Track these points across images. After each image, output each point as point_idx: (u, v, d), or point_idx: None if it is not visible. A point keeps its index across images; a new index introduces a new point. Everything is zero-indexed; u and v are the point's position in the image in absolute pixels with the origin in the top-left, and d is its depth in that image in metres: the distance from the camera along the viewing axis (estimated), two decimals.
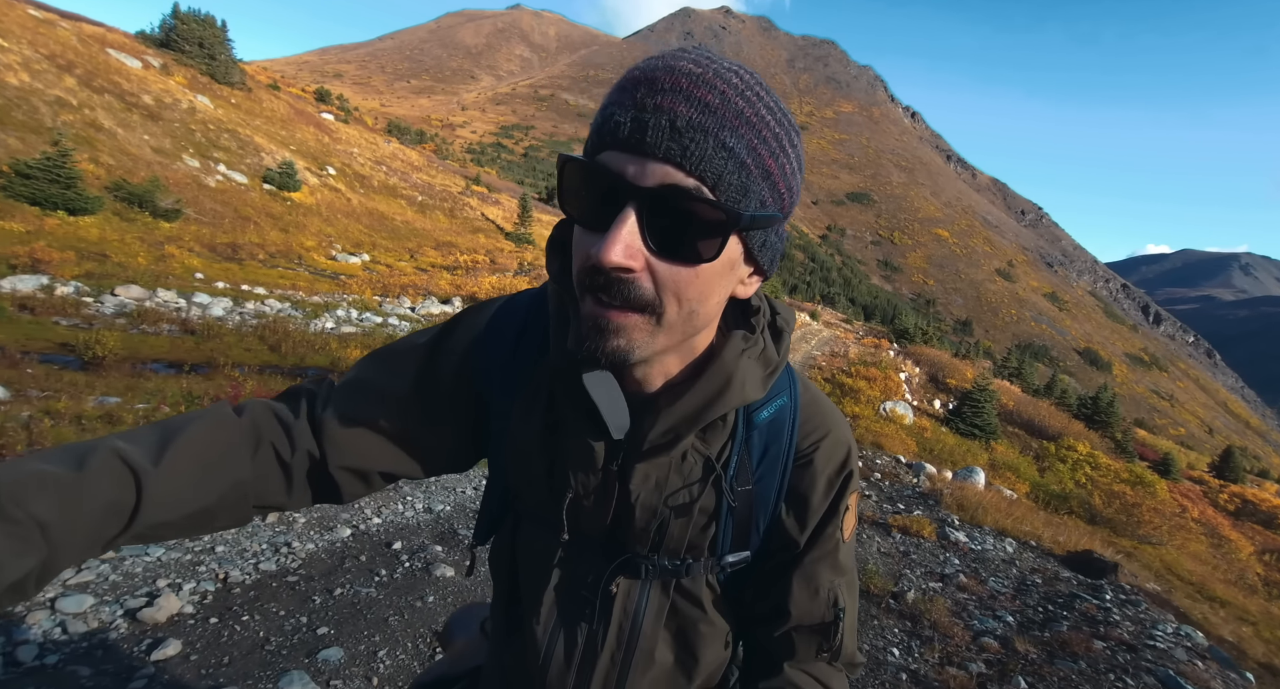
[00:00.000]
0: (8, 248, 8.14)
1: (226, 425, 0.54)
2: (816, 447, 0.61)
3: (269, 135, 24.54)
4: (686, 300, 0.46)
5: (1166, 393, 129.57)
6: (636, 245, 0.43)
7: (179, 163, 17.00)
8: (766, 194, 0.46)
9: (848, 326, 35.15)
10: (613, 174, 0.43)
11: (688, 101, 0.42)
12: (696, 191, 0.42)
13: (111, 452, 0.47)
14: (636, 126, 0.42)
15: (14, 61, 13.91)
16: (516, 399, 0.61)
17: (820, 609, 0.63)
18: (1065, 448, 14.78)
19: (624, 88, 0.44)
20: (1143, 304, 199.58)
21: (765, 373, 0.56)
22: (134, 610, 2.11)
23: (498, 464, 0.65)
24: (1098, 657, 2.48)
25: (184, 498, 0.49)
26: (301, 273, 14.45)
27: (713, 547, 0.61)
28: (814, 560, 0.63)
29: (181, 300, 8.72)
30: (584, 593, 0.62)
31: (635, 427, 0.55)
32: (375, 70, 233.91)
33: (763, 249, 0.49)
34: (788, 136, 0.47)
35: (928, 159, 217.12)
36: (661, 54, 0.45)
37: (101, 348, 5.47)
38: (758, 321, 0.57)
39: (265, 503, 0.56)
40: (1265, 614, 9.58)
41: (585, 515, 0.60)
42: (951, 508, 5.60)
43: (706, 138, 0.42)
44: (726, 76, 0.43)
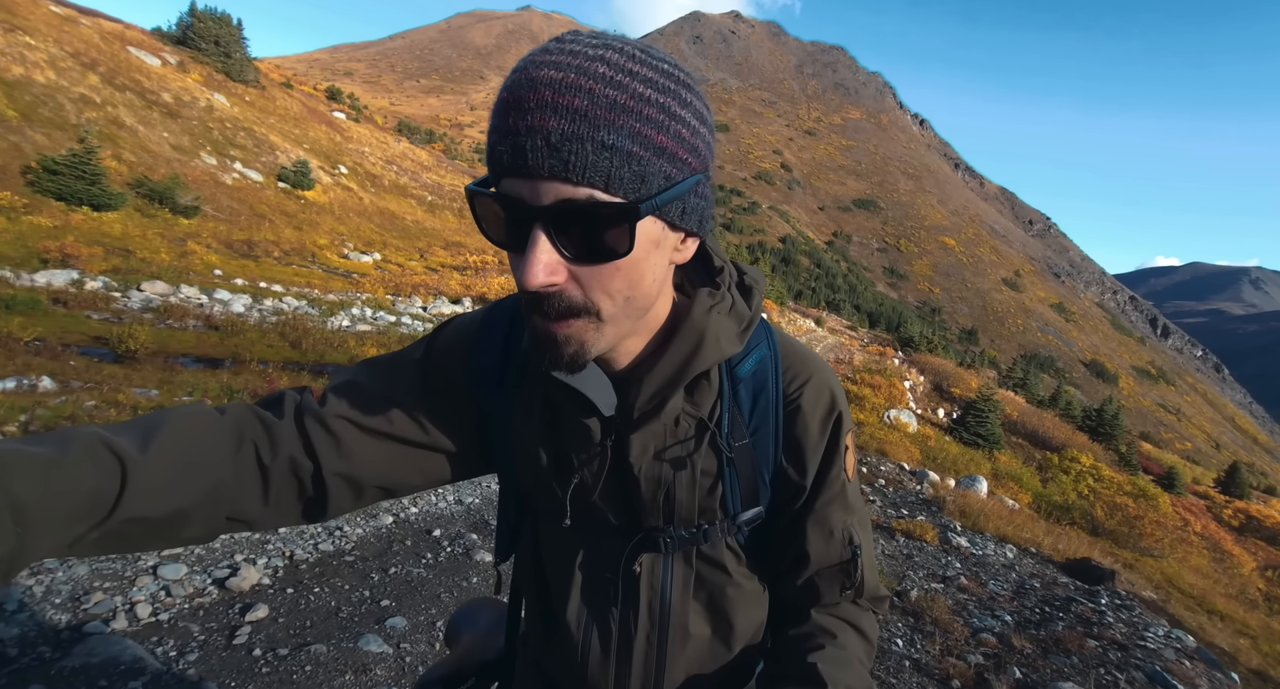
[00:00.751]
0: (39, 243, 8.38)
1: (210, 422, 0.53)
2: (801, 391, 0.62)
3: (283, 134, 24.86)
4: (617, 292, 0.48)
5: (1173, 407, 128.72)
6: (554, 261, 0.45)
7: (197, 160, 17.29)
8: (668, 168, 0.45)
9: (853, 334, 35.23)
10: (512, 200, 0.44)
11: (556, 114, 0.41)
12: (589, 200, 0.43)
13: (96, 438, 0.46)
14: (516, 152, 0.42)
15: (40, 59, 14.22)
16: (514, 400, 0.62)
17: (837, 550, 0.64)
18: (1068, 459, 14.85)
19: (497, 114, 0.44)
20: (1151, 316, 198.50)
21: (739, 328, 0.58)
22: (221, 579, 2.40)
23: (507, 470, 0.66)
24: (1090, 653, 2.63)
25: (166, 493, 0.48)
26: (316, 271, 14.69)
27: (724, 507, 0.62)
28: (824, 504, 0.64)
29: (204, 296, 8.94)
30: (608, 576, 0.63)
31: (621, 400, 0.57)
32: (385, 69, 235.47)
33: (685, 216, 0.49)
34: (676, 99, 0.45)
35: (936, 167, 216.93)
36: (525, 62, 0.44)
37: (134, 342, 5.68)
38: (723, 280, 0.58)
39: (239, 513, 0.54)
40: (1265, 629, 9.63)
41: (593, 500, 0.61)
42: (954, 514, 5.73)
43: (584, 144, 0.42)
44: (590, 70, 0.42)
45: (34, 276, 7.34)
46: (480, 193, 0.46)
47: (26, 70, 13.40)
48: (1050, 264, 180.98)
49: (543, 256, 0.44)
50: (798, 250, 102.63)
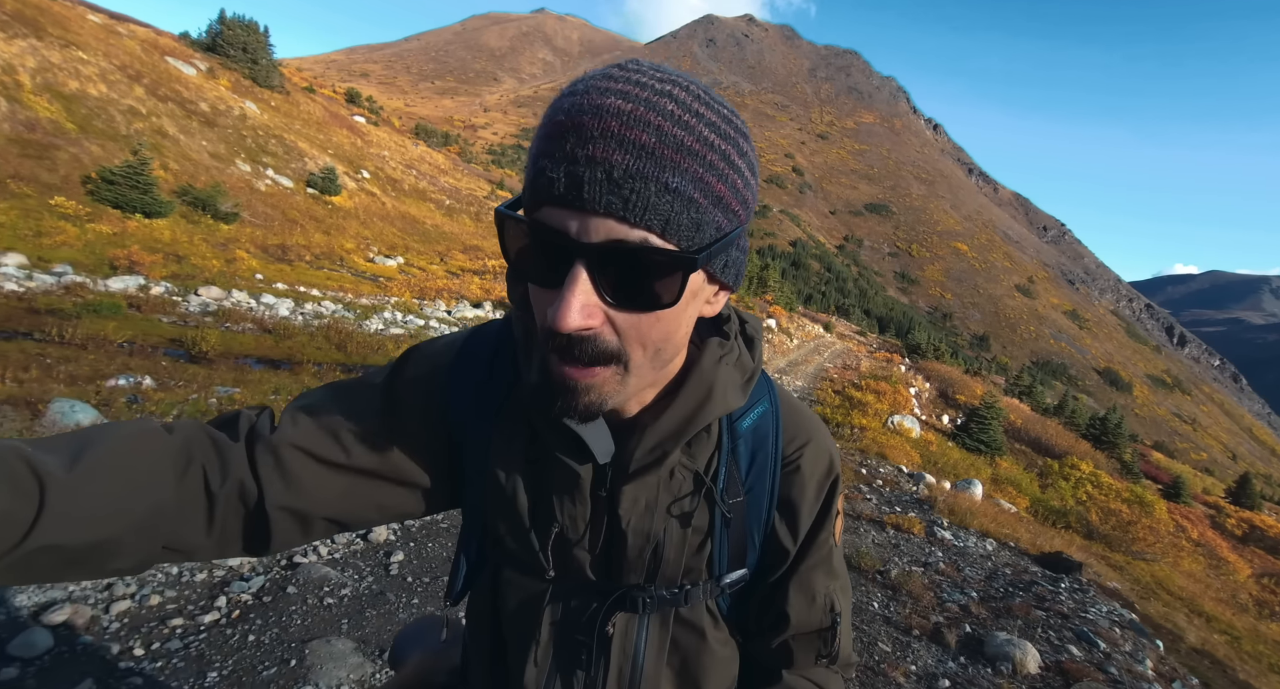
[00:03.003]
0: (108, 251, 9.14)
1: (154, 440, 0.48)
2: (801, 452, 0.61)
3: (309, 140, 25.75)
4: (652, 343, 0.45)
5: (1189, 416, 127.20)
6: (593, 303, 0.41)
7: (232, 167, 18.13)
8: (721, 218, 0.43)
9: (861, 339, 35.61)
10: (556, 232, 0.41)
11: (621, 147, 0.39)
12: (645, 243, 0.40)
13: (15, 452, 0.41)
14: (572, 182, 0.39)
15: (93, 73, 15.10)
16: (494, 433, 0.57)
17: (818, 616, 0.63)
18: (1069, 466, 15.25)
19: (551, 136, 0.41)
20: (1167, 325, 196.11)
21: (743, 380, 0.56)
22: (366, 531, 3.10)
23: (474, 508, 0.61)
24: (1034, 619, 3.17)
25: (92, 519, 0.42)
26: (345, 275, 15.44)
27: (710, 568, 0.60)
28: (810, 567, 0.62)
29: (252, 301, 9.66)
30: (579, 637, 0.59)
31: (620, 448, 0.54)
32: (401, 70, 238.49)
33: (725, 269, 0.48)
34: (735, 148, 0.44)
35: (949, 172, 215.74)
36: (585, 86, 0.42)
37: (205, 344, 6.36)
38: (730, 329, 0.57)
39: (177, 542, 0.49)
40: (1252, 631, 10.04)
41: (573, 551, 0.58)
42: (943, 512, 6.27)
43: (647, 184, 0.39)
44: (660, 105, 0.40)
45: (108, 282, 8.08)
46: (515, 218, 0.43)
47: (81, 84, 14.28)
48: (1064, 271, 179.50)
49: (581, 297, 0.41)
50: (808, 254, 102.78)
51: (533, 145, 0.43)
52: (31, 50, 13.76)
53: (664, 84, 0.42)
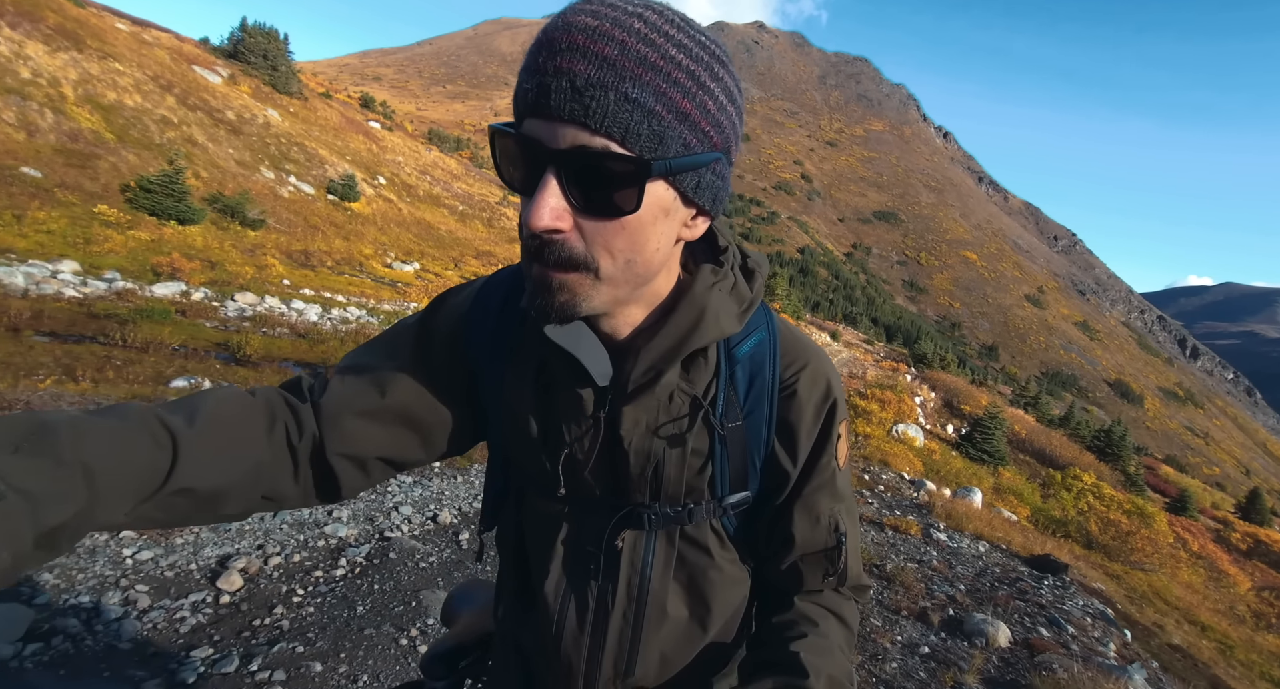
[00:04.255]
0: (150, 257, 9.66)
1: (244, 402, 0.55)
2: (798, 377, 0.62)
3: (328, 146, 26.42)
4: (619, 252, 0.47)
5: (1201, 431, 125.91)
6: (561, 206, 0.44)
7: (257, 174, 18.75)
8: (688, 135, 0.45)
9: (868, 347, 35.82)
10: (530, 140, 0.44)
11: (585, 58, 0.41)
12: (604, 149, 0.42)
13: (149, 411, 0.49)
14: (540, 91, 0.42)
15: (128, 84, 15.75)
16: (507, 368, 0.61)
17: (823, 536, 0.64)
18: (1071, 478, 15.46)
19: (530, 53, 0.44)
20: (1180, 337, 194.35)
21: (740, 308, 0.58)
22: (433, 516, 3.52)
23: (495, 439, 0.66)
24: (1013, 608, 3.52)
25: (212, 468, 0.50)
26: (366, 280, 15.95)
27: (712, 488, 0.62)
28: (813, 489, 0.64)
29: (284, 306, 10.15)
30: (589, 550, 0.63)
31: (617, 371, 0.57)
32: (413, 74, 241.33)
33: (698, 190, 0.49)
34: (707, 71, 0.45)
35: (958, 180, 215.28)
36: (564, 9, 0.45)
37: (250, 348, 6.82)
38: (726, 259, 0.59)
39: (273, 492, 0.57)
40: (1247, 641, 10.24)
41: (582, 471, 0.61)
42: (940, 516, 6.60)
43: (607, 93, 0.41)
44: (627, 23, 0.42)
45: (153, 288, 8.58)
46: (502, 131, 0.46)
47: (119, 95, 14.91)
48: (1075, 281, 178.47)
49: (550, 200, 0.44)
50: (816, 261, 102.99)
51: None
52: (73, 62, 14.41)
53: (637, 7, 0.44)
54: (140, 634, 1.96)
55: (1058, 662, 2.71)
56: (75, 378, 4.97)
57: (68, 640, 1.86)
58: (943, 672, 2.69)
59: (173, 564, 2.39)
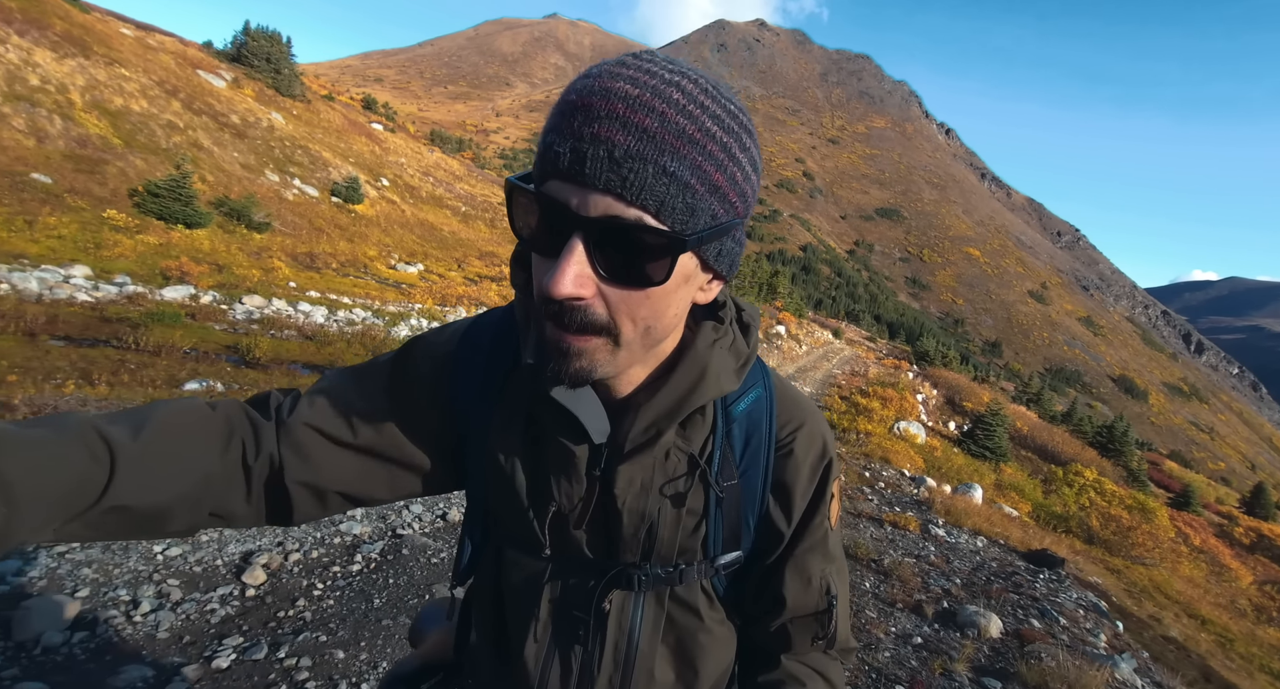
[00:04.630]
0: (159, 261, 9.81)
1: (201, 416, 0.54)
2: (794, 436, 0.62)
3: (332, 149, 26.58)
4: (641, 319, 0.47)
5: (1206, 425, 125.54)
6: (586, 274, 0.44)
7: (262, 177, 18.91)
8: (717, 207, 0.45)
9: (871, 345, 35.86)
10: (557, 204, 0.43)
11: (624, 129, 0.41)
12: (639, 222, 0.42)
13: (88, 423, 0.46)
14: (575, 158, 0.42)
15: (134, 90, 15.92)
16: (493, 416, 0.60)
17: (814, 598, 0.63)
18: (1073, 473, 15.53)
19: (562, 113, 0.44)
20: (1184, 332, 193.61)
21: (738, 364, 0.57)
22: (444, 514, 3.61)
23: (476, 489, 0.64)
24: (1007, 600, 3.62)
25: (153, 484, 0.48)
26: (370, 282, 16.09)
27: (704, 549, 0.61)
28: (805, 550, 0.63)
29: (290, 308, 10.28)
30: (576, 613, 0.61)
31: (615, 428, 0.56)
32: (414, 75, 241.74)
33: (719, 258, 0.50)
34: (738, 142, 0.46)
35: (961, 176, 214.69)
36: (600, 71, 0.45)
37: (259, 350, 6.94)
38: (725, 314, 0.58)
39: (222, 510, 0.55)
40: (1248, 635, 10.31)
41: (570, 530, 0.59)
42: (939, 512, 6.70)
43: (646, 166, 0.41)
44: (666, 94, 0.43)
45: (163, 292, 8.72)
46: (521, 188, 0.46)
47: (125, 101, 15.08)
48: (1078, 277, 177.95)
49: (575, 267, 0.43)
50: (818, 259, 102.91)
51: (546, 122, 0.46)
52: (80, 69, 14.58)
53: (674, 75, 0.44)
54: (175, 624, 2.11)
55: (1046, 651, 2.81)
56: (92, 381, 5.10)
57: (110, 629, 2.00)
58: (933, 660, 2.79)
59: (200, 560, 2.52)
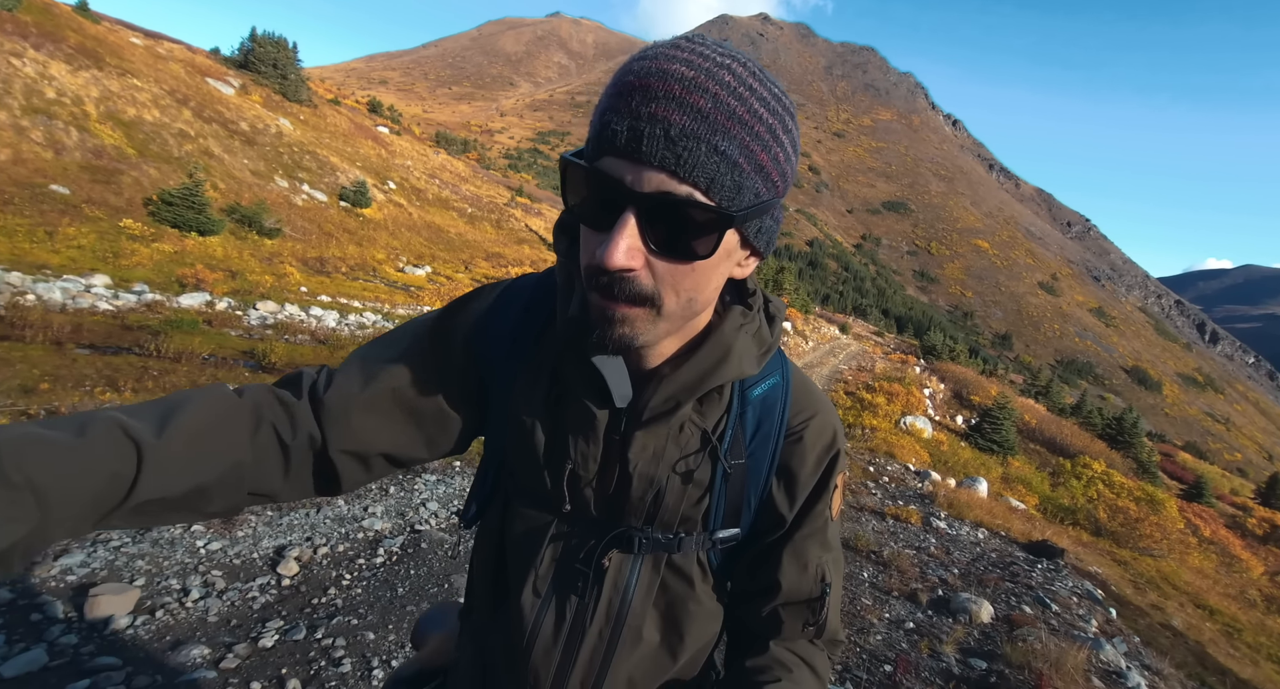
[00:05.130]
0: (175, 269, 10.07)
1: (227, 404, 0.55)
2: (806, 425, 0.64)
3: (339, 153, 26.88)
4: (684, 291, 0.50)
5: (1222, 416, 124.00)
6: (637, 247, 0.46)
7: (272, 183, 19.19)
8: (760, 186, 0.48)
9: (878, 339, 35.80)
10: (612, 180, 0.46)
11: (680, 109, 0.44)
12: (690, 198, 0.45)
13: (113, 422, 0.47)
14: (633, 136, 0.44)
15: (146, 99, 16.22)
16: (519, 373, 0.62)
17: (808, 584, 0.65)
18: (1081, 466, 15.51)
19: (620, 94, 0.46)
20: (1198, 321, 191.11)
21: (760, 351, 0.61)
22: (459, 510, 3.76)
23: (495, 442, 0.67)
24: (1002, 588, 3.73)
25: (182, 474, 0.50)
26: (380, 285, 16.33)
27: (705, 521, 0.63)
28: (804, 537, 0.66)
29: (303, 313, 10.51)
30: (577, 566, 0.63)
31: (636, 396, 0.58)
32: (419, 77, 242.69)
33: (759, 234, 0.53)
34: (781, 124, 0.48)
35: (969, 168, 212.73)
36: (655, 52, 0.47)
37: (274, 355, 7.15)
38: (754, 302, 0.61)
39: (260, 489, 0.57)
40: (1258, 625, 10.32)
41: (581, 488, 0.62)
42: (942, 505, 6.80)
43: (699, 144, 0.44)
44: (719, 76, 0.45)
45: (179, 299, 8.97)
46: (578, 164, 0.48)
47: (138, 111, 15.38)
48: (1089, 267, 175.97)
49: (627, 240, 0.46)
50: (825, 254, 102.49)
51: (600, 101, 0.48)
52: (94, 81, 14.88)
53: (724, 57, 0.46)
54: (222, 609, 2.33)
55: (1034, 634, 2.92)
56: (118, 388, 5.31)
57: (168, 613, 2.25)
58: (923, 642, 2.91)
59: (239, 553, 2.75)
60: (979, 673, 2.67)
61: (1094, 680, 2.56)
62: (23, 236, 9.41)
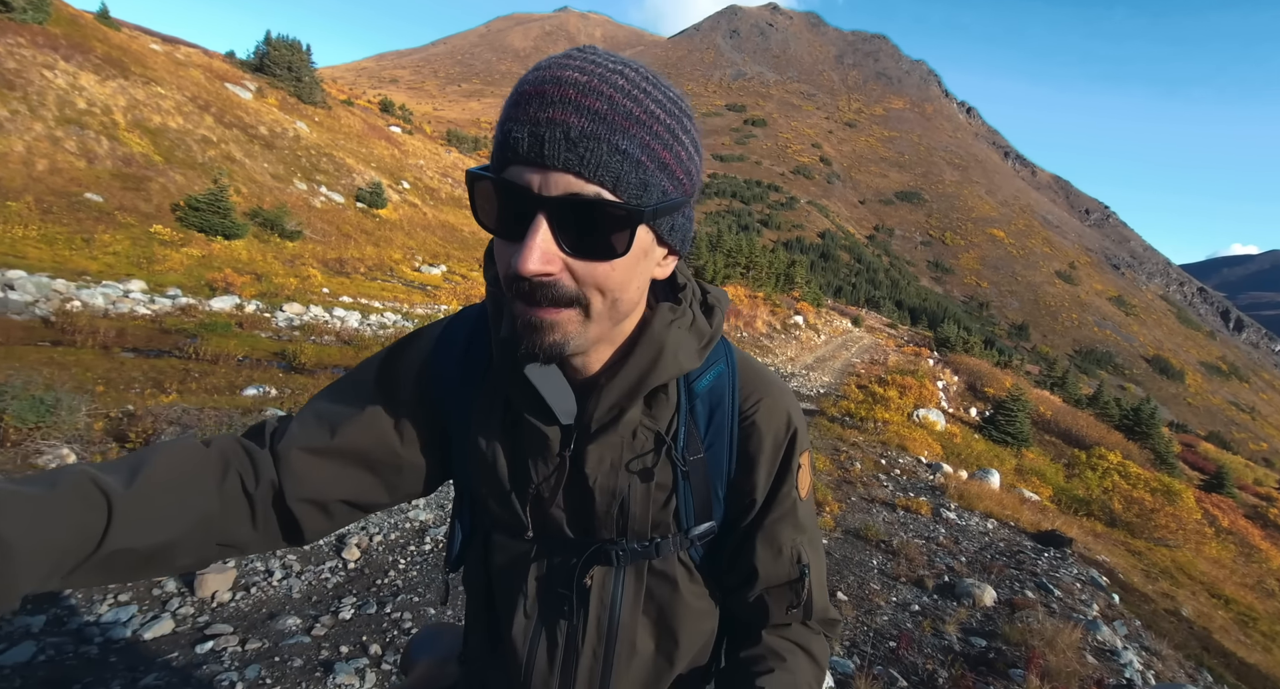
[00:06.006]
0: (205, 273, 10.45)
1: (195, 455, 0.56)
2: (756, 407, 0.64)
3: (354, 155, 27.30)
4: (609, 291, 0.50)
5: (1247, 405, 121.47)
6: (552, 251, 0.46)
7: (291, 186, 19.62)
8: (666, 183, 0.49)
9: (891, 332, 35.65)
10: (519, 187, 0.46)
11: (578, 111, 0.44)
12: (598, 197, 0.46)
13: (84, 474, 0.49)
14: (534, 141, 0.45)
15: (170, 107, 16.66)
16: (473, 407, 0.63)
17: (785, 568, 0.65)
18: (1096, 457, 15.48)
19: (517, 103, 0.46)
20: (1222, 309, 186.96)
21: (699, 344, 0.60)
22: None
23: (462, 478, 0.67)
24: (1007, 575, 3.90)
25: (152, 523, 0.51)
26: (397, 285, 16.69)
27: (678, 521, 0.63)
28: (774, 521, 0.65)
29: (327, 315, 10.85)
30: (560, 590, 0.63)
31: (581, 409, 0.58)
32: (429, 75, 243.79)
33: (672, 232, 0.53)
34: (679, 124, 0.50)
35: (983, 156, 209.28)
36: (549, 62, 0.48)
37: (304, 357, 7.46)
38: (684, 296, 0.61)
39: (229, 540, 0.57)
40: (1275, 614, 10.32)
41: (549, 510, 0.62)
42: (952, 497, 6.94)
43: (600, 144, 0.45)
44: (612, 80, 0.46)
45: (211, 303, 9.33)
46: (483, 176, 0.48)
47: (163, 118, 15.82)
48: (1109, 255, 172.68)
49: (541, 245, 0.46)
50: (837, 245, 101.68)
51: (501, 113, 0.49)
52: (121, 90, 15.34)
53: (616, 64, 0.48)
54: (303, 588, 2.66)
55: (1033, 616, 3.09)
56: (164, 389, 5.63)
57: (260, 590, 2.59)
58: (926, 622, 3.10)
59: None
60: (978, 650, 2.85)
61: (1088, 657, 2.75)
62: (63, 244, 9.84)
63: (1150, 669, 2.92)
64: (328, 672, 2.16)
